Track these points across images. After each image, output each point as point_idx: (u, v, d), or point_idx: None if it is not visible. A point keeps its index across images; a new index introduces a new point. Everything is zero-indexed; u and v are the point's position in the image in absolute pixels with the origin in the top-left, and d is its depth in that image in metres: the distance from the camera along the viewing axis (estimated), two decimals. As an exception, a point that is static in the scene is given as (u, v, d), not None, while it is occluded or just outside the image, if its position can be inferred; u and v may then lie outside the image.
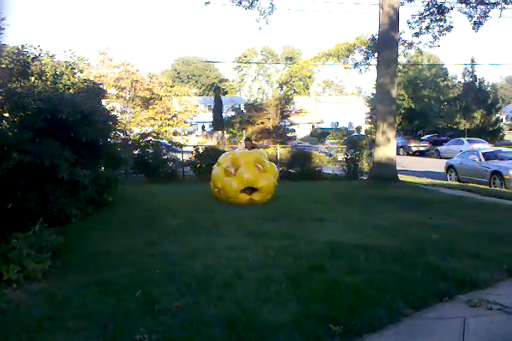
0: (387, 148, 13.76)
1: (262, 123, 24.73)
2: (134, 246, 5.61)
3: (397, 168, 14.47)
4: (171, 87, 24.34)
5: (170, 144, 17.60)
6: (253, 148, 10.73)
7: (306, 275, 4.43)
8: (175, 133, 23.77)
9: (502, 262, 4.87)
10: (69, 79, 8.43)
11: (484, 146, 23.57)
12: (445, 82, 46.43)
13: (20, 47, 7.52)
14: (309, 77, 73.39)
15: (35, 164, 6.07)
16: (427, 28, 17.56)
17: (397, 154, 15.78)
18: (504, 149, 17.29)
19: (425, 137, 40.72)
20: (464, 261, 4.95)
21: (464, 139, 29.93)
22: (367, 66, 23.36)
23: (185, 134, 29.61)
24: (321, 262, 4.81)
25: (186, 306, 3.69)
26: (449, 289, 4.11)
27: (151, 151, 15.71)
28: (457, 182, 14.93)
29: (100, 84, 10.41)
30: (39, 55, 7.94)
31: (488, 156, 14.87)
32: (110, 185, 8.47)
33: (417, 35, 17.84)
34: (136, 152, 15.58)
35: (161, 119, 23.00)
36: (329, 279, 4.26)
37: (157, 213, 7.93)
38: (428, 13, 17.31)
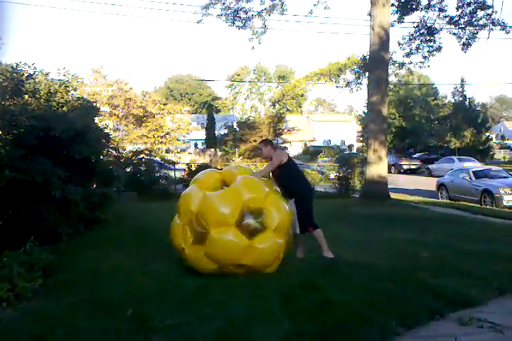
0: (378, 166, 13.86)
1: (255, 141, 24.87)
2: (126, 264, 5.58)
3: (389, 186, 14.54)
4: (164, 104, 24.48)
5: (162, 162, 17.61)
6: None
7: (298, 293, 4.42)
8: (167, 151, 23.83)
9: (493, 280, 4.89)
10: (62, 97, 8.47)
11: (474, 165, 23.77)
12: (435, 101, 47.01)
13: (14, 65, 7.59)
14: (301, 96, 73.99)
15: (27, 181, 6.07)
16: (417, 48, 17.86)
17: (388, 172, 15.90)
18: (494, 168, 17.46)
19: (416, 155, 41.00)
20: (455, 279, 4.97)
21: (455, 158, 30.16)
22: (358, 85, 23.63)
23: (177, 152, 29.57)
24: (313, 280, 4.80)
25: (178, 324, 3.67)
26: (441, 307, 4.12)
27: (143, 169, 15.71)
28: (448, 201, 15.01)
29: (94, 102, 10.48)
30: (33, 73, 8.01)
31: (478, 175, 15.01)
32: (102, 203, 8.44)
33: (407, 55, 18.14)
34: (128, 169, 15.58)
35: (153, 137, 23.07)
36: (321, 297, 4.25)
37: (149, 231, 7.90)
38: (418, 34, 17.64)
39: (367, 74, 17.18)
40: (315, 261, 5.67)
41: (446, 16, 17.28)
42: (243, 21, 17.10)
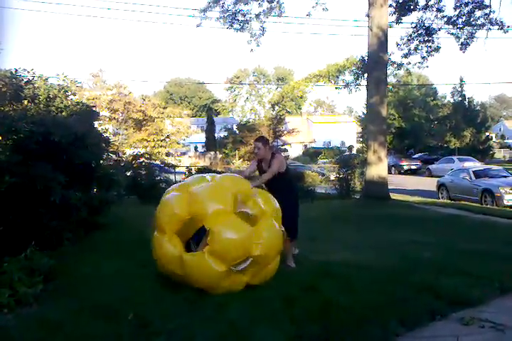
0: (378, 166, 13.86)
1: (255, 143, 24.85)
2: (126, 268, 5.58)
3: (389, 187, 14.55)
4: (163, 108, 24.56)
5: (163, 165, 17.60)
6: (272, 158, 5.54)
7: (300, 295, 4.42)
8: (168, 154, 23.87)
9: (494, 280, 4.90)
10: (62, 102, 8.47)
11: (474, 164, 23.77)
12: (435, 102, 47.05)
13: (13, 70, 7.60)
14: (301, 97, 73.98)
15: (27, 187, 6.07)
16: (416, 49, 17.87)
17: (388, 173, 15.91)
18: (494, 167, 17.47)
19: (416, 156, 41.05)
20: (456, 279, 4.97)
21: (455, 157, 30.16)
22: (357, 86, 23.61)
23: (177, 155, 29.64)
24: (314, 282, 4.80)
25: (179, 328, 3.67)
26: (442, 307, 4.13)
27: (143, 173, 15.70)
28: (449, 201, 15.01)
29: (93, 106, 10.47)
30: (32, 78, 8.01)
31: (478, 174, 15.02)
32: (102, 207, 8.43)
33: (406, 56, 18.15)
34: (128, 173, 15.56)
35: (153, 140, 23.14)
36: (322, 299, 4.25)
37: (149, 235, 7.84)
38: (416, 34, 17.65)
39: (366, 75, 17.20)
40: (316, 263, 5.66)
41: (444, 16, 17.32)
42: (241, 24, 17.14)
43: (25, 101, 7.70)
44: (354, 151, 43.96)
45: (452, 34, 17.58)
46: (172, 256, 4.54)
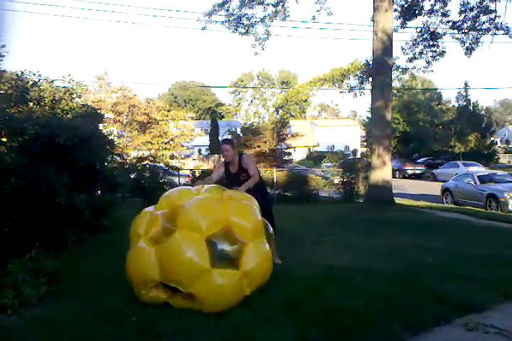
0: (383, 171, 13.84)
1: (259, 146, 24.84)
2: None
3: (393, 191, 14.50)
4: (167, 111, 24.54)
5: (167, 168, 17.59)
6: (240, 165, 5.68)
7: (303, 299, 4.40)
8: (172, 157, 23.83)
9: (498, 285, 4.88)
10: (67, 105, 8.51)
11: (479, 169, 23.70)
12: (439, 106, 47.02)
13: (19, 73, 7.63)
14: (305, 101, 74.01)
15: (32, 188, 6.08)
16: (421, 53, 17.85)
17: (393, 177, 15.85)
18: (499, 172, 17.41)
19: (421, 160, 40.92)
20: (461, 284, 4.95)
21: (459, 162, 30.09)
22: (361, 90, 23.59)
23: (182, 158, 29.62)
24: (317, 286, 4.79)
25: (183, 331, 3.67)
26: (446, 313, 4.11)
27: (147, 175, 15.70)
28: (453, 205, 14.97)
29: (98, 109, 10.50)
30: (38, 80, 8.04)
31: (483, 179, 14.97)
32: (107, 209, 8.45)
33: (410, 60, 18.15)
34: (132, 176, 15.56)
35: (158, 143, 23.11)
36: (326, 303, 4.24)
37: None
38: (421, 39, 17.64)
39: (370, 79, 17.20)
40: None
41: (449, 21, 17.30)
42: (246, 28, 17.17)
43: (31, 104, 7.73)
44: (358, 155, 43.90)
45: (457, 39, 17.55)
46: (159, 302, 4.28)
